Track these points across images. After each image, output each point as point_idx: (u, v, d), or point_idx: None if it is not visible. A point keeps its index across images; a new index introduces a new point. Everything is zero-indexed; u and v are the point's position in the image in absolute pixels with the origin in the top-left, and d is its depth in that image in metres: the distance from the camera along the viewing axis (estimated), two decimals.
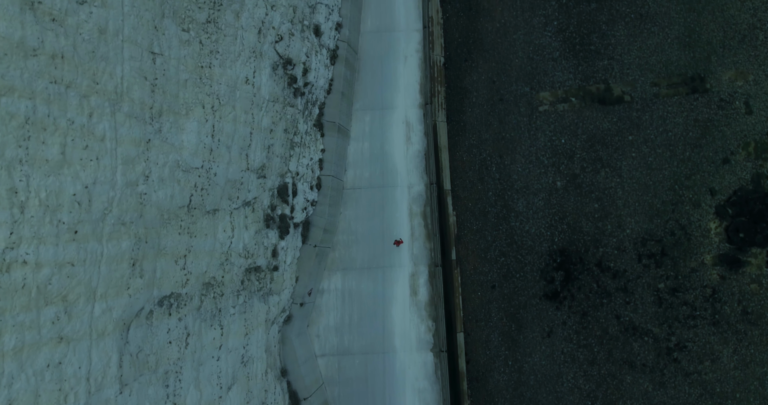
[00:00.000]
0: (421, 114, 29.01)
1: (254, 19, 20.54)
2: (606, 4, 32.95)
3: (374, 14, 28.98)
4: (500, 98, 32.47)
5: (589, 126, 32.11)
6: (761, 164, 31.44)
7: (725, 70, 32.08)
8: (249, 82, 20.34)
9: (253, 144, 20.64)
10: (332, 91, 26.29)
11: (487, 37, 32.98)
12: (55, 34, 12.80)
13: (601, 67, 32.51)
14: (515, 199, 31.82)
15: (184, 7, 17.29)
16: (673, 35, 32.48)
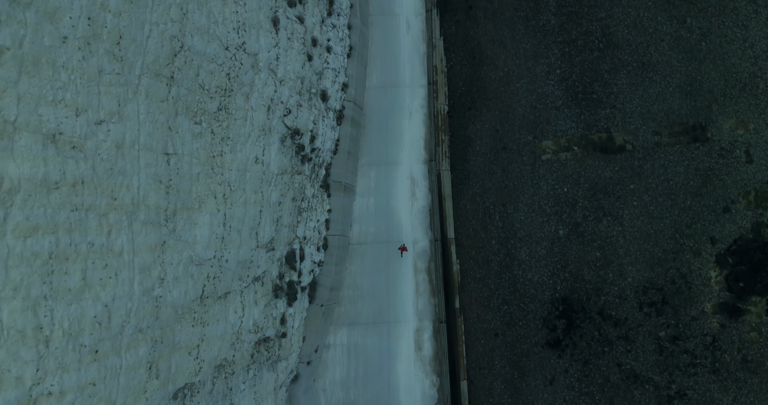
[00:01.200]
0: (425, 170, 29.37)
1: (264, 97, 20.89)
2: (608, 52, 33.29)
3: (379, 70, 29.31)
4: (503, 147, 32.84)
5: (591, 175, 32.50)
6: (761, 213, 31.85)
7: (726, 119, 32.45)
8: (259, 161, 20.70)
9: (263, 221, 21.01)
10: (338, 151, 26.65)
11: (491, 85, 33.32)
12: (75, 161, 13.15)
13: (603, 115, 32.87)
14: (518, 248, 32.22)
15: (196, 101, 17.64)
16: (675, 84, 32.83)
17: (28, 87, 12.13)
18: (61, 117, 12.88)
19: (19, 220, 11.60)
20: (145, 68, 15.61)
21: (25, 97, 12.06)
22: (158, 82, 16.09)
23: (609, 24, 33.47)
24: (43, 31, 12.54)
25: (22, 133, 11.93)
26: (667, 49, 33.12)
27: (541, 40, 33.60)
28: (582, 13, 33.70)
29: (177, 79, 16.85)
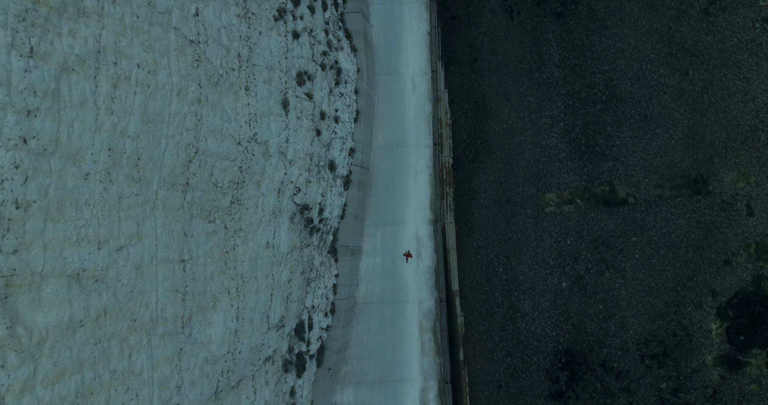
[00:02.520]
0: (431, 230, 29.78)
1: (274, 182, 21.28)
2: (611, 105, 33.65)
3: (386, 129, 29.69)
4: (507, 199, 33.24)
5: (594, 227, 32.91)
6: (762, 266, 32.27)
7: (727, 172, 32.84)
8: (270, 245, 21.09)
9: (274, 303, 21.43)
10: (346, 216, 27.05)
11: (495, 138, 33.70)
12: (98, 294, 13.55)
13: (606, 168, 33.26)
14: (521, 300, 32.67)
15: (209, 200, 18.03)
16: (677, 137, 33.21)
17: (53, 233, 12.53)
18: (84, 254, 13.27)
19: (48, 368, 12.01)
20: (162, 182, 16.00)
21: (50, 244, 12.45)
22: (174, 192, 16.47)
23: (612, 76, 33.82)
24: (66, 175, 12.92)
25: (49, 281, 12.33)
26: (670, 101, 33.48)
27: (545, 93, 33.95)
28: (585, 66, 34.05)
29: (192, 184, 17.24)
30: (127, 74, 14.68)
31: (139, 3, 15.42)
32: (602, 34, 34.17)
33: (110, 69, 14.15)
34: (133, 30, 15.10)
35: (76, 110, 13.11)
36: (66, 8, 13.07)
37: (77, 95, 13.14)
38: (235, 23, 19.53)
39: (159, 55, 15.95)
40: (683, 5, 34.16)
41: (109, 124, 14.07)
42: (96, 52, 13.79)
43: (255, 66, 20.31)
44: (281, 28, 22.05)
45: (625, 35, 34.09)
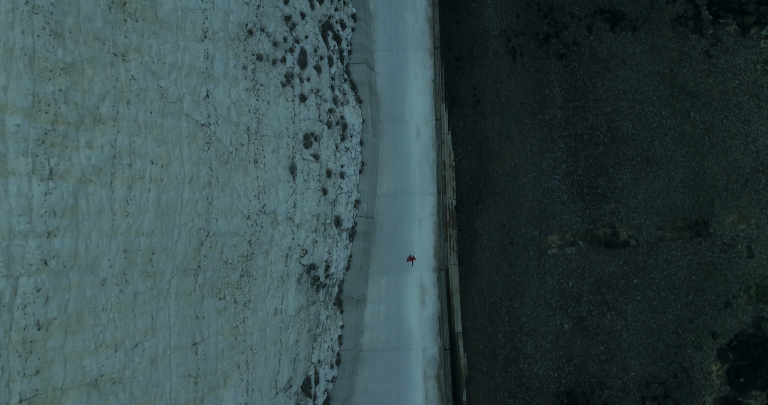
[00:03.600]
0: (435, 278, 30.10)
1: (282, 248, 21.60)
2: (613, 147, 33.94)
3: (390, 177, 30.00)
4: (510, 241, 33.57)
5: (596, 269, 33.25)
6: (762, 308, 32.63)
7: (728, 214, 33.15)
8: (278, 311, 21.43)
9: (282, 368, 21.77)
10: (351, 267, 27.37)
11: (498, 180, 34.01)
12: (115, 396, 13.88)
13: (608, 210, 33.58)
14: (524, 342, 33.05)
15: (220, 278, 18.36)
16: (679, 179, 33.51)
17: (72, 346, 12.86)
18: (102, 359, 13.61)
19: None
20: (175, 270, 16.33)
21: (70, 357, 12.79)
22: (186, 278, 16.81)
23: (614, 118, 34.11)
24: (84, 285, 13.25)
25: (69, 393, 12.67)
26: (671, 143, 33.78)
27: (548, 135, 34.26)
28: (588, 107, 34.33)
29: (203, 266, 17.57)
30: (141, 173, 15.00)
31: (152, 98, 15.72)
32: (604, 75, 34.45)
33: (125, 172, 14.47)
34: (147, 127, 15.41)
35: (94, 220, 13.43)
36: (83, 120, 13.38)
37: (94, 205, 13.46)
38: (244, 98, 19.84)
39: (171, 146, 16.26)
40: (685, 47, 34.42)
41: (125, 226, 14.40)
42: (112, 157, 14.11)
43: (263, 137, 20.63)
44: (288, 93, 22.36)
45: (627, 77, 34.36)
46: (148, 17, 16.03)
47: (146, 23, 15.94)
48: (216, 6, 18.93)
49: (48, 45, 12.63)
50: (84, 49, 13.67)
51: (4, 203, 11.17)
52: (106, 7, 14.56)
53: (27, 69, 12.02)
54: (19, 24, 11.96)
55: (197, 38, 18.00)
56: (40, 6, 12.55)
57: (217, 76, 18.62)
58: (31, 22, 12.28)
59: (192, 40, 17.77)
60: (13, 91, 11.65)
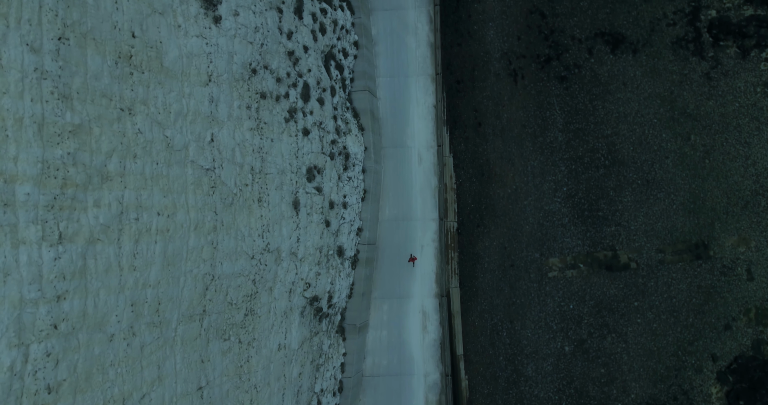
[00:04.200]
0: (437, 303, 30.30)
1: (285, 284, 21.79)
2: (614, 169, 34.11)
3: (392, 203, 30.19)
4: (511, 264, 33.77)
5: (597, 292, 33.45)
6: (762, 330, 32.82)
7: (728, 237, 33.33)
8: (281, 347, 21.62)
9: (285, 401, 21.98)
10: (353, 295, 27.57)
11: (499, 202, 34.19)
12: None
13: (608, 233, 33.76)
14: (525, 364, 33.26)
15: (225, 320, 18.55)
16: (679, 201, 33.69)
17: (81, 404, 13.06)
18: None
19: None
20: (181, 317, 16.52)
21: None
22: (192, 323, 17.00)
23: (615, 141, 34.27)
24: (93, 343, 13.44)
25: None
26: (672, 166, 33.94)
27: (549, 157, 34.42)
28: (588, 130, 34.49)
29: (208, 310, 17.77)
30: (148, 226, 15.18)
31: (158, 149, 15.90)
32: (605, 98, 34.60)
33: (132, 226, 14.65)
34: (153, 179, 15.59)
35: (102, 278, 13.61)
36: (91, 180, 13.57)
37: (102, 264, 13.65)
38: (248, 138, 20.02)
39: (177, 195, 16.44)
40: (685, 70, 34.58)
41: (132, 280, 14.58)
42: (119, 214, 14.29)
43: (267, 175, 20.80)
44: (292, 128, 22.53)
45: (627, 99, 34.52)
46: (153, 68, 16.20)
47: (152, 74, 16.12)
48: (220, 49, 19.10)
49: (56, 109, 12.80)
50: (91, 108, 13.84)
51: (15, 274, 11.35)
52: (113, 62, 14.73)
53: (36, 136, 12.19)
54: (28, 92, 12.14)
55: (202, 83, 18.18)
56: (48, 71, 12.72)
57: (221, 119, 18.79)
58: (39, 89, 12.45)
59: (197, 86, 17.95)
60: (23, 161, 11.83)
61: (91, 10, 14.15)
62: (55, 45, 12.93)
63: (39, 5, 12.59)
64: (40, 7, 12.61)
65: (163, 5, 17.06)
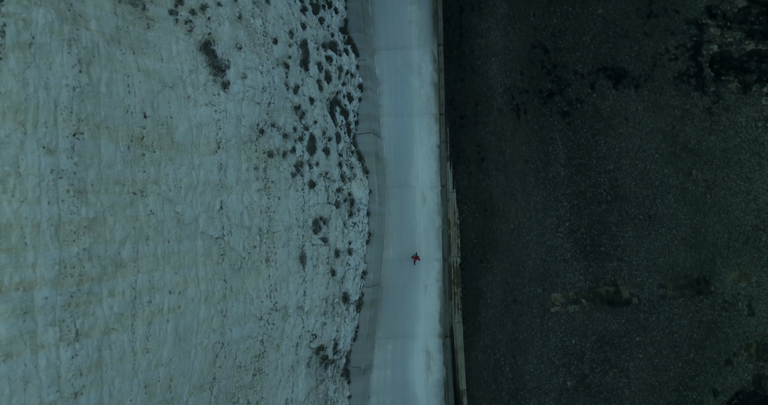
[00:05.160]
0: (440, 343, 30.58)
1: (292, 338, 22.04)
2: (616, 205, 34.35)
3: (396, 243, 30.43)
4: (514, 299, 34.03)
5: (599, 327, 33.72)
6: (762, 366, 33.10)
7: (729, 272, 33.58)
8: (288, 401, 21.89)
9: None
10: (358, 338, 27.83)
11: (502, 238, 34.43)
12: None
13: (610, 268, 34.01)
14: (527, 399, 33.55)
15: (233, 383, 18.82)
16: (680, 237, 33.93)
17: None
18: None
19: None
20: (192, 389, 16.78)
21: None
22: (202, 393, 17.26)
23: (617, 176, 34.50)
24: None
25: None
26: (673, 201, 34.17)
27: (551, 192, 34.66)
28: (591, 165, 34.71)
29: (218, 377, 18.03)
30: (160, 307, 15.43)
31: (169, 227, 16.15)
32: (607, 133, 34.82)
33: (145, 309, 14.90)
34: (165, 258, 15.83)
35: (116, 367, 13.87)
36: (105, 271, 13.81)
37: (117, 352, 13.90)
38: (256, 199, 20.25)
39: (188, 270, 16.69)
40: (687, 104, 34.78)
41: (145, 363, 14.84)
42: (132, 299, 14.54)
43: (274, 233, 21.05)
44: (298, 182, 22.77)
45: (630, 134, 34.74)
46: (164, 145, 16.44)
47: (163, 151, 16.35)
48: (229, 114, 19.33)
49: (72, 207, 13.05)
50: (105, 198, 14.08)
51: (35, 380, 11.61)
52: (126, 147, 14.97)
53: (53, 238, 12.44)
54: (45, 195, 12.38)
55: (211, 151, 18.41)
56: (64, 169, 12.96)
57: (230, 185, 19.03)
58: (56, 189, 12.69)
59: (206, 155, 18.19)
60: (41, 265, 12.08)
61: (105, 99, 14.39)
62: (70, 142, 13.17)
63: (54, 105, 12.83)
64: (55, 106, 12.85)
65: (173, 79, 17.30)
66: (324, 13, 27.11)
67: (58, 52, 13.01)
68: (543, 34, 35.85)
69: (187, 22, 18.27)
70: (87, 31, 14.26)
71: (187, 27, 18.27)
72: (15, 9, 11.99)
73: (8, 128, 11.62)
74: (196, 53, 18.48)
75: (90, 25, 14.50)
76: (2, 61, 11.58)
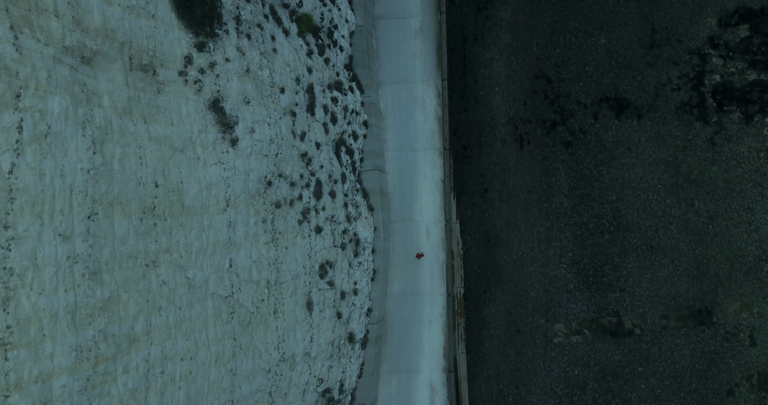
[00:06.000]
0: (444, 378, 30.80)
1: (299, 386, 22.25)
2: (618, 235, 34.56)
3: (401, 277, 30.64)
4: (517, 330, 34.26)
5: (601, 358, 33.96)
6: (764, 396, 33.34)
7: (731, 303, 33.81)
8: None
9: None
10: (363, 375, 28.06)
11: (505, 268, 34.65)
12: None
13: (613, 299, 34.24)
14: None
15: None
16: (683, 267, 34.14)
17: None
18: None
19: None
20: None
21: None
22: None
23: (620, 207, 34.70)
24: None
25: None
26: (676, 232, 34.38)
27: (554, 223, 34.86)
28: (594, 196, 34.92)
29: None
30: (172, 376, 15.64)
31: (180, 294, 16.35)
32: (610, 163, 35.01)
33: (158, 381, 15.11)
34: (176, 326, 16.04)
35: None
36: (120, 348, 14.00)
37: None
38: (264, 252, 20.45)
39: (198, 333, 16.89)
40: (690, 135, 34.97)
41: None
42: (146, 372, 14.74)
43: (282, 284, 21.25)
44: (305, 229, 22.97)
45: (632, 165, 34.93)
46: (175, 211, 16.63)
47: (174, 218, 16.55)
48: (237, 170, 19.52)
49: (87, 290, 13.24)
50: (119, 275, 14.28)
51: None
52: (138, 220, 15.16)
53: (70, 326, 12.64)
54: (62, 284, 12.57)
55: (220, 211, 18.61)
56: (79, 254, 13.15)
57: (239, 242, 19.23)
58: (72, 276, 12.88)
59: (216, 215, 18.38)
60: (59, 355, 12.28)
61: (118, 176, 14.58)
62: (85, 225, 13.36)
63: (70, 191, 13.02)
64: (71, 192, 13.04)
65: (183, 141, 17.49)
66: (329, 53, 27.28)
67: (72, 137, 13.19)
68: (546, 64, 36.02)
69: (196, 82, 18.45)
70: (100, 108, 14.45)
71: (196, 87, 18.45)
72: (31, 102, 12.17)
73: (26, 222, 11.81)
74: (205, 112, 18.66)
75: (103, 101, 14.68)
76: (20, 157, 11.77)
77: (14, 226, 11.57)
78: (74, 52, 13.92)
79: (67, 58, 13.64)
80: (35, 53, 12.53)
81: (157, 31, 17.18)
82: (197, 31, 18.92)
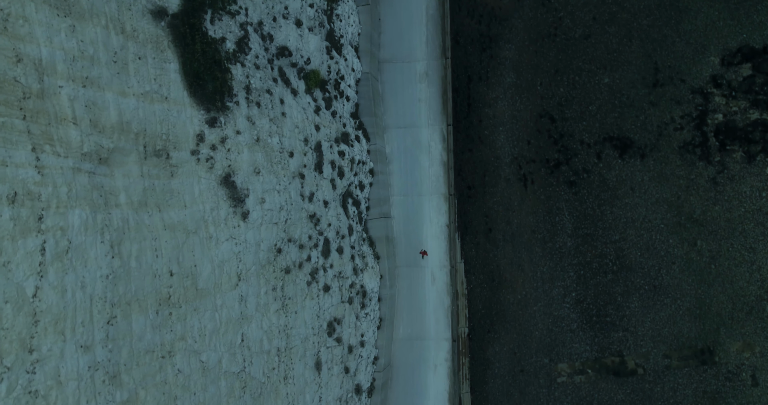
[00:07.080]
0: None
1: None
2: (621, 275, 34.85)
3: (406, 322, 30.94)
4: (521, 369, 34.59)
5: (604, 398, 34.29)
6: None
7: (733, 342, 34.12)
8: None
9: None
10: None
11: (509, 308, 34.96)
12: None
13: (616, 338, 34.56)
14: None
15: None
16: (685, 307, 34.45)
17: None
18: None
19: None
20: None
21: None
22: None
23: (623, 246, 34.98)
24: None
25: None
26: (678, 272, 34.66)
27: (558, 263, 35.15)
28: (597, 235, 35.19)
29: None
30: None
31: (195, 380, 16.62)
32: (613, 203, 35.27)
33: None
34: None
35: None
36: None
37: None
38: (274, 321, 20.73)
39: None
40: (692, 174, 35.22)
41: None
42: None
43: (292, 349, 21.53)
44: (314, 290, 23.24)
45: (635, 205, 35.19)
46: (189, 296, 16.91)
47: (188, 304, 16.82)
48: (248, 243, 19.78)
49: (108, 396, 13.52)
50: (137, 372, 14.55)
51: None
52: (154, 313, 15.44)
53: None
54: (83, 395, 12.86)
55: (232, 287, 18.88)
56: (99, 361, 13.43)
57: (250, 314, 19.50)
58: (93, 385, 13.16)
59: (228, 292, 18.65)
60: None
61: (135, 273, 14.85)
62: (104, 331, 13.63)
63: (90, 301, 13.28)
64: (91, 302, 13.31)
65: (196, 222, 17.74)
66: (336, 105, 27.52)
67: (92, 247, 13.46)
68: (550, 103, 36.25)
69: (208, 160, 18.71)
70: (117, 208, 14.70)
71: (208, 164, 18.70)
72: (53, 221, 12.43)
73: (50, 342, 12.09)
74: (217, 189, 18.92)
75: (119, 199, 14.94)
76: (43, 279, 12.04)
77: (38, 348, 11.84)
78: (92, 156, 14.17)
79: (85, 164, 13.89)
80: (56, 170, 12.78)
81: (170, 113, 17.42)
82: (209, 107, 19.16)
